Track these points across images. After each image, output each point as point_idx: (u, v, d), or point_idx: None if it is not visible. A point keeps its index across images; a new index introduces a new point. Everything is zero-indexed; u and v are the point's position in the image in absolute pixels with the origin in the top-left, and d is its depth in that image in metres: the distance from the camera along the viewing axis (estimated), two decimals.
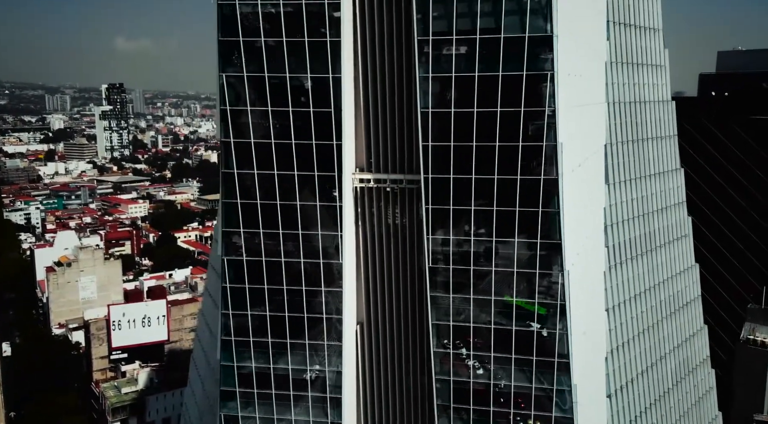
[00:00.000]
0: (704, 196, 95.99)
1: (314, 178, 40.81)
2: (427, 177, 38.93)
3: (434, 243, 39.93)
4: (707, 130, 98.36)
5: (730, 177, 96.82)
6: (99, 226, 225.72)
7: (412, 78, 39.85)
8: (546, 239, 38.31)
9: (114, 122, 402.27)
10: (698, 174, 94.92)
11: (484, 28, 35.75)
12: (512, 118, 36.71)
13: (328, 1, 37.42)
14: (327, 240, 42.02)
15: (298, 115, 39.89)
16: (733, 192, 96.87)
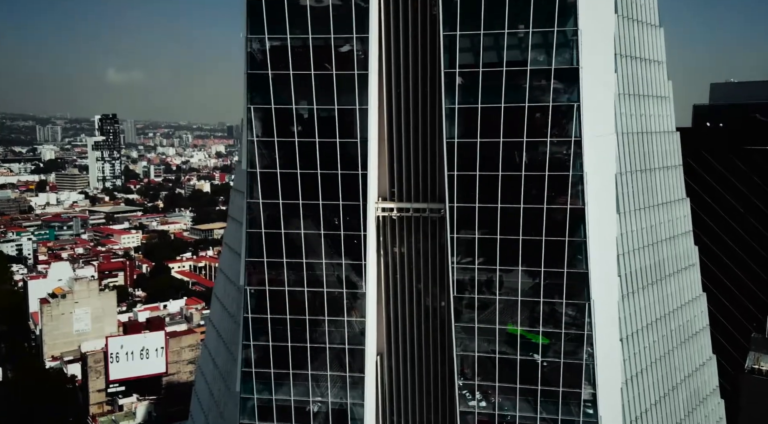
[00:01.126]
0: (704, 226, 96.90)
1: (339, 207, 40.99)
2: (453, 206, 39.21)
3: (459, 272, 40.00)
4: (704, 161, 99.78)
5: (729, 207, 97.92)
6: (92, 256, 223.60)
7: (436, 108, 40.48)
8: (572, 269, 38.55)
9: (106, 152, 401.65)
10: (697, 204, 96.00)
11: (510, 60, 36.47)
12: (538, 147, 37.24)
13: (357, 35, 38.10)
14: (350, 269, 42.01)
15: (324, 146, 40.25)
16: (732, 222, 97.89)
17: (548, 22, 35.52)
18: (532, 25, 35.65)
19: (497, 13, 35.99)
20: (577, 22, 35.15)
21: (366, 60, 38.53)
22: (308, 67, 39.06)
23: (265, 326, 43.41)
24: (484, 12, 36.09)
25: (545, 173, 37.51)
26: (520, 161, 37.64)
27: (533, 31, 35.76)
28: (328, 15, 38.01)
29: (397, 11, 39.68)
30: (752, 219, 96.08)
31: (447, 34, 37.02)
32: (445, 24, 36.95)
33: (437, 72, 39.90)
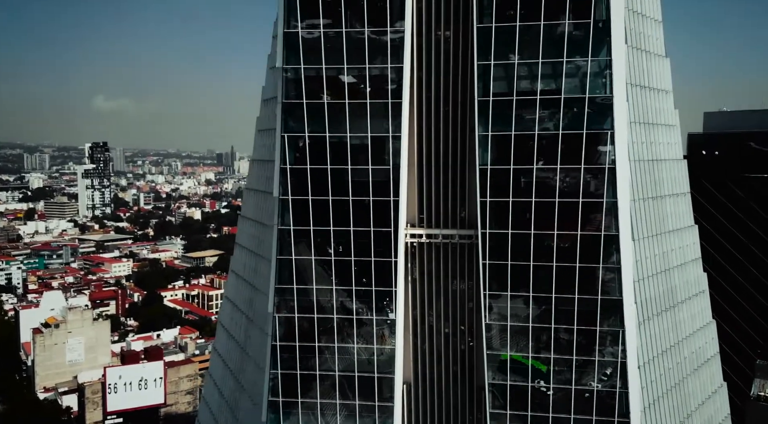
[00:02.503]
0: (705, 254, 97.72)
1: (370, 233, 41.00)
2: (485, 232, 39.39)
3: (491, 299, 40.00)
4: (704, 189, 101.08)
5: (730, 235, 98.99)
6: (83, 285, 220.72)
7: (467, 135, 40.94)
8: (605, 296, 38.71)
9: (96, 180, 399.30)
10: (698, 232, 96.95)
11: (544, 89, 37.09)
12: (572, 174, 37.66)
13: (392, 65, 38.62)
14: (380, 296, 41.85)
15: (357, 173, 40.44)
16: (734, 250, 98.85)
17: (582, 52, 36.24)
18: (566, 54, 36.32)
19: (531, 43, 36.69)
20: (611, 53, 35.89)
21: (400, 89, 39.01)
22: (342, 96, 39.47)
23: (294, 353, 42.96)
24: (518, 42, 36.78)
25: (579, 200, 37.86)
26: (554, 188, 37.98)
27: (567, 60, 36.41)
28: (363, 46, 38.57)
29: (430, 40, 40.33)
30: (754, 247, 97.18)
31: (481, 63, 37.61)
32: (480, 53, 37.56)
33: (468, 99, 40.46)
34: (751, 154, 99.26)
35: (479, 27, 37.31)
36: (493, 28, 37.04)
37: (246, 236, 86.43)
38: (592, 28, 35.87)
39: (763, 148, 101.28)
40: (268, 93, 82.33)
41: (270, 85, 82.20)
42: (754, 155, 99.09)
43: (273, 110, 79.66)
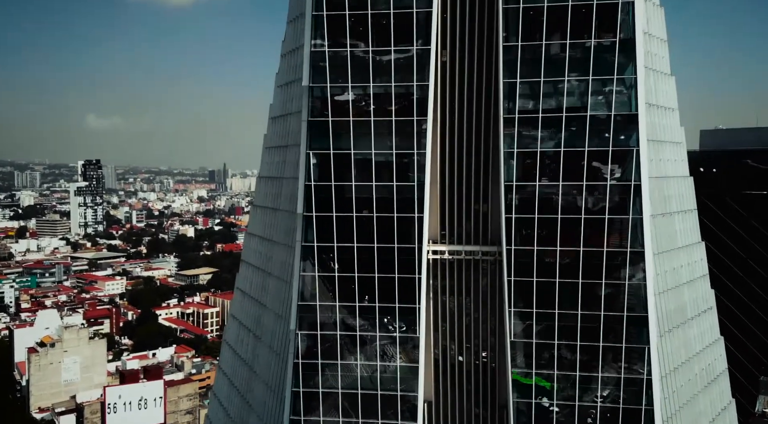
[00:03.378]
0: None
1: (394, 250, 40.95)
2: (510, 249, 39.45)
3: (516, 316, 39.97)
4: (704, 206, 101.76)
5: (731, 252, 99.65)
6: (76, 304, 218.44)
7: (490, 151, 41.19)
8: (631, 312, 38.78)
9: (89, 198, 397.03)
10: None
11: (570, 106, 37.45)
12: (598, 191, 37.90)
13: (417, 83, 38.90)
14: (404, 313, 41.70)
15: (381, 189, 40.51)
16: (735, 266, 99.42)
17: (608, 71, 36.67)
18: (591, 72, 36.75)
19: (557, 61, 37.09)
20: (636, 71, 36.33)
21: (425, 106, 39.24)
22: (368, 114, 39.68)
23: (315, 371, 42.63)
24: (544, 60, 37.18)
25: (605, 216, 38.07)
26: (580, 204, 38.19)
27: (592, 78, 36.83)
28: (389, 64, 38.87)
29: (454, 58, 40.69)
30: (754, 263, 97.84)
31: (507, 81, 37.96)
32: (506, 71, 37.92)
33: (491, 116, 40.78)
34: (749, 171, 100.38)
35: (505, 45, 37.72)
36: (519, 46, 37.46)
37: (253, 253, 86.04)
38: (618, 46, 36.32)
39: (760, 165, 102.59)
40: (276, 111, 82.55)
41: (278, 104, 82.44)
42: (752, 173, 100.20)
43: (282, 128, 79.95)
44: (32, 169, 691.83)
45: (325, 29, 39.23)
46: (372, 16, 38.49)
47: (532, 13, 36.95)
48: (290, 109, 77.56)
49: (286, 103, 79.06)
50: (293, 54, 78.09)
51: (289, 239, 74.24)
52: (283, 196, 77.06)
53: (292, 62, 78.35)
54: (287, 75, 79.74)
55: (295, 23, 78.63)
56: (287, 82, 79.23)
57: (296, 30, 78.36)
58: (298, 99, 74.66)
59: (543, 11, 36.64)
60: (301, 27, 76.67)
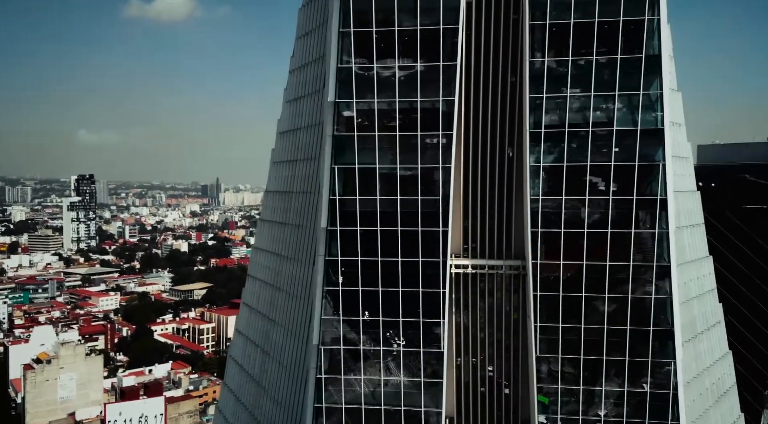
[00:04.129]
0: None
1: (418, 264, 40.88)
2: (536, 263, 39.47)
3: (542, 331, 39.89)
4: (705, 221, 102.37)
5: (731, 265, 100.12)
6: (71, 320, 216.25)
7: (514, 165, 41.38)
8: (657, 327, 38.83)
9: (82, 213, 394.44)
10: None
11: (596, 121, 37.72)
12: (624, 205, 38.07)
13: (443, 98, 39.11)
14: (428, 328, 41.54)
15: (405, 203, 40.51)
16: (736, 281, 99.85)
17: (634, 86, 37.00)
18: (618, 88, 37.07)
19: (584, 77, 37.40)
20: (662, 86, 36.67)
21: (451, 121, 39.40)
22: (394, 129, 39.78)
23: (339, 386, 42.28)
24: (570, 76, 37.48)
25: (631, 230, 38.23)
26: (606, 218, 38.32)
27: (619, 93, 37.15)
28: (415, 80, 39.06)
29: (478, 73, 40.96)
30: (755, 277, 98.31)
31: (533, 96, 38.22)
32: (532, 86, 38.19)
33: (516, 131, 41.00)
34: (748, 186, 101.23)
35: (531, 61, 38.02)
36: (545, 62, 37.76)
37: (260, 267, 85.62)
38: (644, 62, 36.68)
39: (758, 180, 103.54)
40: (285, 126, 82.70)
41: (286, 119, 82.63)
42: (751, 187, 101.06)
43: (291, 142, 79.97)
44: (23, 184, 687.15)
45: (351, 46, 39.41)
46: (398, 32, 38.72)
47: (558, 29, 37.29)
48: (300, 124, 77.71)
49: (295, 118, 79.23)
50: (303, 70, 78.40)
51: (299, 254, 74.08)
52: (292, 211, 76.93)
53: (301, 78, 78.66)
54: (296, 90, 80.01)
55: (305, 39, 79.06)
56: (296, 98, 79.47)
57: (305, 46, 78.80)
58: (309, 114, 75.10)
59: (569, 27, 37.01)
60: (310, 43, 77.22)
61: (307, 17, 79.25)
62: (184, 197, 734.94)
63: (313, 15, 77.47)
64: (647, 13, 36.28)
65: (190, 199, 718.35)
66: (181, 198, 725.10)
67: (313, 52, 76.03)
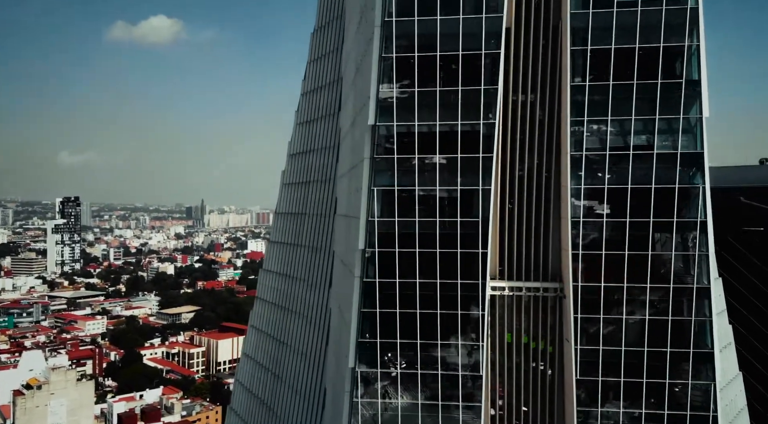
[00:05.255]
0: None
1: (457, 286, 40.79)
2: (577, 285, 39.58)
3: (583, 354, 39.86)
4: None
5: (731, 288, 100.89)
6: (58, 344, 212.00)
7: (551, 187, 41.69)
8: (697, 349, 39.00)
9: (66, 235, 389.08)
10: None
11: (636, 144, 38.21)
12: (664, 227, 38.44)
13: (484, 121, 39.42)
14: (467, 350, 41.34)
15: (445, 225, 40.56)
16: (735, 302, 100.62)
17: (674, 110, 37.60)
18: (658, 112, 37.65)
19: (625, 101, 37.95)
20: (702, 110, 37.31)
21: (491, 143, 39.68)
22: (433, 151, 39.98)
23: (375, 410, 41.77)
24: (611, 100, 38.02)
25: (671, 253, 38.55)
26: (646, 241, 38.64)
27: (659, 117, 37.72)
28: (456, 104, 39.39)
29: (517, 97, 41.42)
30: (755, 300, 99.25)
31: (575, 119, 38.68)
32: (573, 110, 38.66)
33: (553, 153, 41.41)
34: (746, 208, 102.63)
35: (573, 85, 38.54)
36: (586, 86, 38.30)
37: (270, 290, 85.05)
38: (684, 86, 37.34)
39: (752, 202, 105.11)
40: (297, 148, 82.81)
41: (298, 141, 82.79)
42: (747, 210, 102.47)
43: (304, 164, 79.85)
44: (4, 207, 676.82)
45: (392, 70, 39.69)
46: (440, 57, 39.13)
47: (599, 54, 37.91)
48: (313, 147, 77.96)
49: (307, 140, 79.49)
50: (315, 93, 78.83)
51: (313, 276, 73.70)
52: (305, 233, 76.72)
53: (314, 101, 79.10)
54: (309, 113, 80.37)
55: (318, 63, 79.68)
56: (309, 120, 79.79)
57: (319, 70, 79.35)
58: (323, 136, 75.16)
59: (610, 53, 37.64)
60: (324, 67, 77.68)
61: (320, 42, 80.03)
62: (168, 219, 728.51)
63: (326, 40, 78.25)
64: (687, 40, 37.03)
65: (174, 221, 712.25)
66: (165, 220, 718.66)
67: (326, 76, 76.62)
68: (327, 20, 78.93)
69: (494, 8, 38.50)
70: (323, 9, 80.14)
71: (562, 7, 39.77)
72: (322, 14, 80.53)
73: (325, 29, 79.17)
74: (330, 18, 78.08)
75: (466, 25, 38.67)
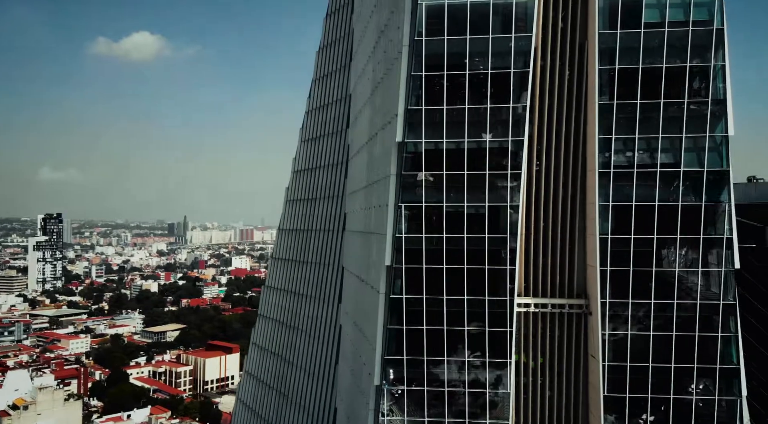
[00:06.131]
0: None
1: (485, 302, 40.81)
2: (605, 302, 39.80)
3: (611, 371, 39.96)
4: None
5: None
6: (42, 364, 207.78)
7: (577, 204, 42.05)
8: (724, 365, 39.31)
9: (48, 253, 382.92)
10: None
11: (663, 162, 38.76)
12: (691, 244, 38.89)
13: (512, 138, 39.78)
14: (494, 368, 41.25)
15: (472, 241, 40.65)
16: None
17: (700, 129, 38.24)
18: (684, 130, 38.26)
19: (652, 119, 38.54)
20: (727, 128, 38.00)
21: (519, 160, 40.00)
22: (461, 168, 40.19)
23: None
24: (639, 118, 38.59)
25: (698, 269, 38.97)
26: (673, 257, 39.03)
27: (686, 136, 38.33)
28: (485, 120, 39.73)
29: (543, 113, 41.88)
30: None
31: (602, 137, 39.16)
32: (601, 128, 39.16)
33: (579, 170, 41.83)
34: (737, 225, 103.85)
35: (600, 103, 39.08)
36: (614, 104, 38.86)
37: (274, 307, 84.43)
38: (710, 106, 38.04)
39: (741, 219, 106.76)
40: (302, 165, 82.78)
41: (303, 158, 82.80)
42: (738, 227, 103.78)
43: (309, 181, 79.72)
44: None
45: (421, 88, 40.00)
46: (469, 75, 39.51)
47: (626, 73, 38.52)
48: (319, 163, 78.01)
49: (313, 156, 79.52)
50: (322, 110, 79.10)
51: (320, 292, 73.29)
52: (312, 249, 76.43)
53: (321, 118, 79.33)
54: (315, 130, 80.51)
55: (323, 81, 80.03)
56: (315, 137, 79.91)
57: (325, 88, 79.68)
58: (330, 153, 75.21)
59: (637, 72, 38.27)
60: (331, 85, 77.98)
61: (325, 60, 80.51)
62: (149, 236, 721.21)
63: (332, 59, 78.76)
64: (713, 60, 37.79)
65: (156, 238, 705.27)
66: (147, 237, 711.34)
67: (333, 94, 76.98)
68: (333, 39, 79.49)
69: (523, 28, 39.03)
70: (329, 29, 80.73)
71: (588, 27, 40.46)
72: (327, 34, 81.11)
73: (331, 48, 79.69)
74: (336, 37, 78.66)
75: (495, 44, 39.14)
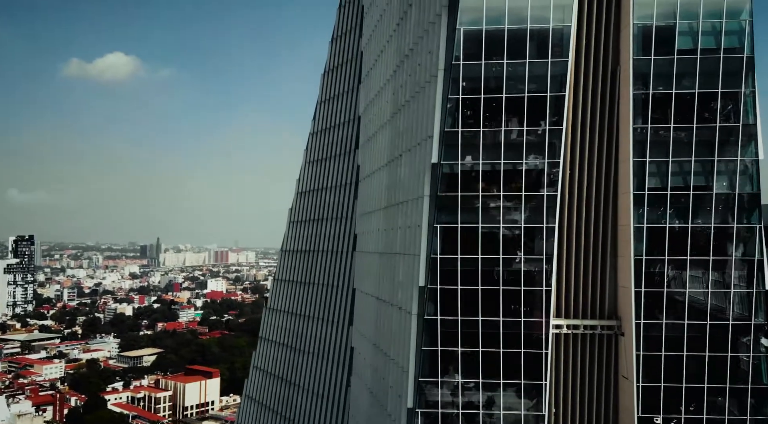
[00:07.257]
0: None
1: (520, 324, 40.89)
2: (639, 323, 40.15)
3: (645, 392, 40.19)
4: None
5: None
6: (15, 390, 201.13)
7: (609, 226, 42.58)
8: (755, 385, 39.82)
9: (20, 276, 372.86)
10: None
11: (696, 185, 39.56)
12: (724, 266, 39.58)
13: (548, 160, 40.30)
14: (529, 390, 41.19)
15: (508, 262, 40.86)
16: None
17: (732, 152, 39.20)
18: (716, 154, 39.18)
19: (685, 143, 39.41)
20: (758, 153, 39.00)
21: (555, 181, 40.48)
22: (498, 189, 40.52)
23: None
24: (672, 142, 39.43)
25: (731, 290, 39.60)
26: (706, 279, 39.65)
27: (717, 159, 39.23)
28: (521, 143, 40.24)
29: (575, 136, 42.52)
30: None
31: (637, 160, 39.86)
32: (635, 151, 39.88)
33: (611, 193, 42.45)
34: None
35: (635, 127, 39.86)
36: (648, 129, 39.68)
37: (276, 329, 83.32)
38: (740, 130, 39.05)
39: None
40: (307, 186, 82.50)
41: (308, 179, 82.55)
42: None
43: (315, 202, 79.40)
44: None
45: (458, 111, 40.44)
46: (506, 99, 40.06)
47: (660, 98, 39.42)
48: (325, 185, 77.85)
49: (319, 178, 79.37)
50: (328, 132, 79.20)
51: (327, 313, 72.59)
52: (318, 270, 75.86)
53: (327, 139, 79.40)
54: (321, 151, 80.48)
55: (329, 103, 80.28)
56: (321, 159, 79.84)
57: (331, 110, 79.92)
58: (338, 175, 75.15)
59: (671, 97, 39.19)
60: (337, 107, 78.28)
61: (332, 83, 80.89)
62: (121, 258, 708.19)
63: (339, 81, 79.18)
64: (743, 86, 38.90)
65: (128, 260, 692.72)
66: (119, 259, 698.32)
67: (341, 116, 77.23)
68: (339, 62, 80.00)
69: (559, 53, 39.80)
70: (335, 52, 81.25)
71: (621, 52, 41.40)
72: (333, 57, 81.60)
73: (337, 71, 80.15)
74: (342, 60, 79.19)
75: (532, 68, 39.82)
